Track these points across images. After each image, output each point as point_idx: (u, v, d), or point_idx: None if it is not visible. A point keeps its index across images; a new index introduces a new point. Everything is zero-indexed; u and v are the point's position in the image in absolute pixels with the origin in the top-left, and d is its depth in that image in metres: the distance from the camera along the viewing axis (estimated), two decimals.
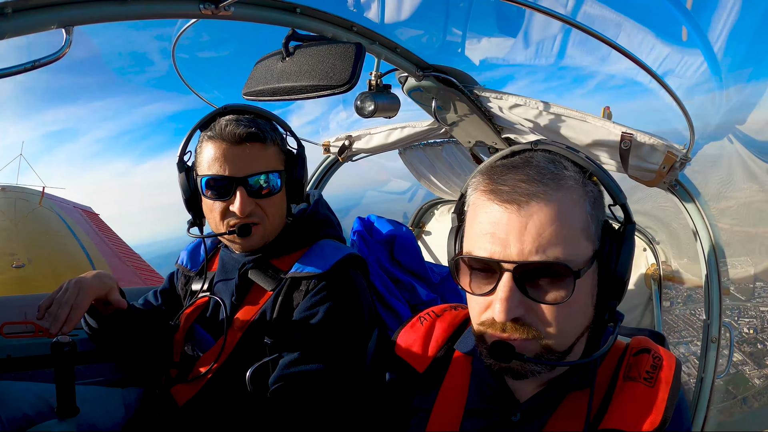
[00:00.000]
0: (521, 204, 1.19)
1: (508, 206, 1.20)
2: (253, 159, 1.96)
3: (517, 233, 1.18)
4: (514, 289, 1.18)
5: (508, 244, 1.19)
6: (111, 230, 14.10)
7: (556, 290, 1.20)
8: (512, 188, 1.21)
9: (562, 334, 1.25)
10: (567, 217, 1.20)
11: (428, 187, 4.31)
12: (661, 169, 2.32)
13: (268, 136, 1.99)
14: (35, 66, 1.44)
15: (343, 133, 3.78)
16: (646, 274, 4.04)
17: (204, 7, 1.70)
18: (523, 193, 1.20)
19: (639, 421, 1.24)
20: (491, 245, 1.21)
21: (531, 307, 1.21)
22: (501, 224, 1.20)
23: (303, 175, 2.14)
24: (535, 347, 1.23)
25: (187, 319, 2.19)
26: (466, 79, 2.60)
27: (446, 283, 2.90)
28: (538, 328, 1.22)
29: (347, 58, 1.84)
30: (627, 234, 1.30)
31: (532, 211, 1.18)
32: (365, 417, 1.66)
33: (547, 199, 1.19)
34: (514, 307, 1.19)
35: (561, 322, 1.23)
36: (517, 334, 1.22)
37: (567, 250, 1.19)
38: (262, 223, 2.03)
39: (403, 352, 1.62)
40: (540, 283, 1.20)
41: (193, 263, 2.36)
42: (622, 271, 1.27)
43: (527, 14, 2.24)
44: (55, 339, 1.83)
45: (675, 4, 2.04)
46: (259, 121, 2.01)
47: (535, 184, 1.21)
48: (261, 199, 2.00)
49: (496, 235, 1.20)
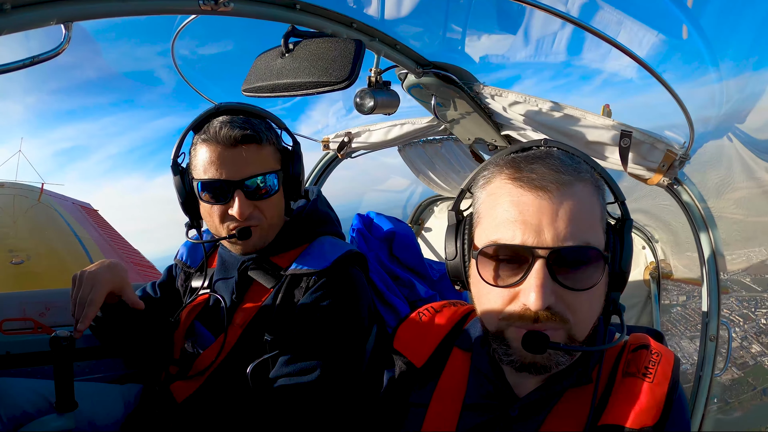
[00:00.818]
0: (552, 191, 1.20)
1: (540, 193, 1.21)
2: (250, 161, 1.95)
3: (549, 219, 1.19)
4: (547, 275, 1.18)
5: (542, 230, 1.19)
6: (110, 226, 14.07)
7: (586, 276, 1.21)
8: (541, 176, 1.22)
9: (585, 322, 1.27)
10: (590, 206, 1.24)
11: (427, 184, 4.32)
12: (660, 167, 2.32)
13: (263, 136, 1.98)
14: (34, 62, 1.43)
15: (343, 129, 3.78)
16: (645, 272, 4.05)
17: (204, 3, 1.69)
18: (552, 181, 1.21)
19: (638, 417, 1.24)
20: (522, 233, 1.20)
21: (561, 296, 1.21)
22: (531, 211, 1.21)
23: (300, 172, 2.13)
24: (562, 336, 1.24)
25: (188, 316, 2.19)
26: (465, 76, 2.60)
27: (445, 280, 2.90)
28: (566, 317, 1.22)
29: (347, 55, 1.84)
30: (626, 229, 1.33)
31: (562, 198, 1.20)
32: (363, 413, 1.66)
33: (574, 188, 1.22)
34: (549, 294, 1.18)
35: (586, 309, 1.25)
36: (550, 323, 1.21)
37: (594, 237, 1.22)
38: (261, 225, 2.02)
39: (402, 346, 1.63)
40: (569, 270, 1.20)
41: (192, 260, 2.35)
42: (626, 263, 1.31)
43: (527, 11, 2.24)
44: (54, 333, 1.83)
45: (675, 3, 2.04)
46: (253, 121, 1.99)
47: (562, 173, 1.22)
48: (259, 201, 1.99)
49: (527, 221, 1.20)
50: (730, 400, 5.50)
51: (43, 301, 2.46)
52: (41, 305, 2.44)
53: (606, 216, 1.32)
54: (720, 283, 2.60)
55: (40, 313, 2.42)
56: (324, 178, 4.06)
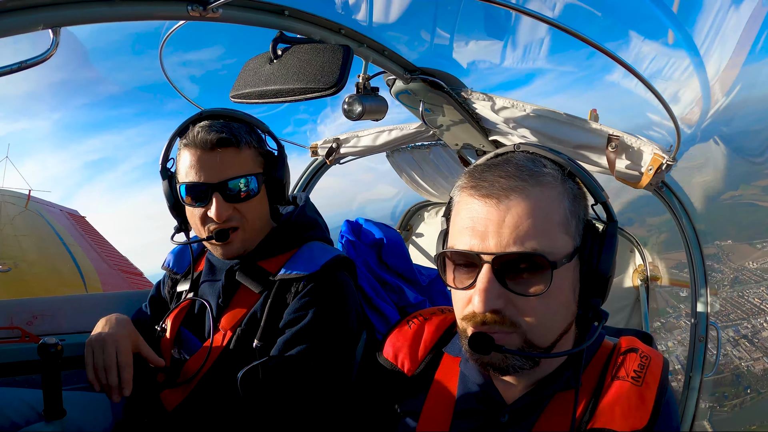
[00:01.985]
0: (500, 198, 1.23)
1: (487, 200, 1.24)
2: (228, 164, 1.97)
3: (495, 226, 1.22)
4: (492, 280, 1.21)
5: (487, 237, 1.22)
6: (98, 234, 13.99)
7: (534, 282, 1.23)
8: (491, 183, 1.25)
9: (543, 328, 1.27)
10: (544, 211, 1.23)
11: (415, 190, 4.32)
12: (647, 171, 2.33)
13: (241, 140, 2.00)
14: (22, 67, 1.42)
15: (331, 135, 3.77)
16: (634, 274, 4.07)
17: (192, 9, 1.69)
18: (501, 188, 1.24)
19: (627, 421, 1.25)
20: (470, 239, 1.24)
21: (511, 300, 1.23)
22: (480, 218, 1.24)
23: (284, 176, 2.14)
24: (516, 341, 1.25)
25: (174, 321, 2.17)
26: (453, 81, 2.61)
27: (434, 285, 2.90)
28: (517, 321, 1.24)
29: (335, 61, 1.84)
30: (609, 232, 1.32)
31: (510, 205, 1.22)
32: (353, 421, 1.66)
33: (525, 194, 1.23)
34: (494, 298, 1.22)
35: (541, 315, 1.25)
36: (497, 327, 1.24)
37: (544, 242, 1.22)
38: (242, 227, 2.03)
39: (392, 355, 1.63)
40: (519, 276, 1.23)
41: (179, 266, 2.35)
42: (604, 268, 1.29)
43: (514, 17, 2.25)
44: (42, 340, 1.81)
45: (661, 8, 2.06)
46: (233, 125, 2.02)
47: (513, 179, 1.24)
48: (239, 203, 2.00)
49: (475, 228, 1.24)
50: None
51: (30, 310, 2.44)
52: (29, 313, 2.43)
53: (581, 219, 1.32)
54: (708, 284, 2.62)
55: (27, 322, 2.40)
56: (312, 185, 4.06)
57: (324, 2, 2.07)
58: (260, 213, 2.10)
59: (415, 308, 2.66)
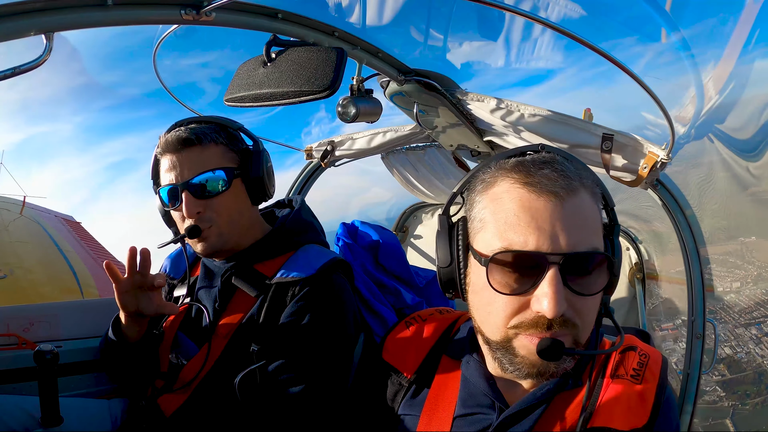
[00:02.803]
0: (563, 196, 1.19)
1: (552, 198, 1.19)
2: (192, 162, 2.01)
3: (563, 225, 1.18)
4: (561, 282, 1.17)
5: (556, 236, 1.17)
6: (94, 239, 13.95)
7: (596, 281, 1.22)
8: (554, 181, 1.21)
9: (589, 326, 1.28)
10: (593, 212, 1.25)
11: (411, 192, 4.32)
12: (642, 169, 2.33)
13: (206, 138, 2.04)
14: (15, 73, 1.42)
15: (326, 138, 3.77)
16: (630, 273, 4.08)
17: (185, 13, 1.69)
18: (563, 186, 1.20)
19: (627, 419, 1.25)
20: (536, 239, 1.18)
21: (570, 301, 1.20)
22: (545, 216, 1.19)
23: (260, 170, 2.13)
24: (569, 341, 1.23)
25: (171, 327, 2.17)
26: (447, 83, 2.61)
27: (431, 286, 2.90)
28: (575, 322, 1.22)
29: (329, 63, 1.84)
30: (615, 234, 1.33)
31: (573, 204, 1.20)
32: (353, 424, 1.66)
33: (581, 194, 1.23)
34: (563, 301, 1.17)
35: (590, 314, 1.26)
36: (563, 330, 1.21)
37: (599, 242, 1.23)
38: (215, 224, 2.04)
39: (391, 356, 1.62)
40: (582, 276, 1.20)
41: (175, 271, 2.35)
42: (618, 268, 1.30)
43: (508, 18, 2.26)
44: (38, 347, 1.81)
45: (653, 6, 2.06)
46: (198, 127, 2.07)
47: (568, 179, 1.22)
48: (207, 199, 2.02)
49: (541, 227, 1.18)
50: None
51: (27, 316, 2.43)
52: (25, 320, 2.41)
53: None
54: (705, 281, 2.63)
55: (24, 329, 2.39)
56: (307, 188, 4.05)
57: (317, 5, 2.07)
58: (235, 209, 2.10)
59: (413, 310, 2.65)
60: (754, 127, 2.91)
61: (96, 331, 2.46)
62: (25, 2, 1.38)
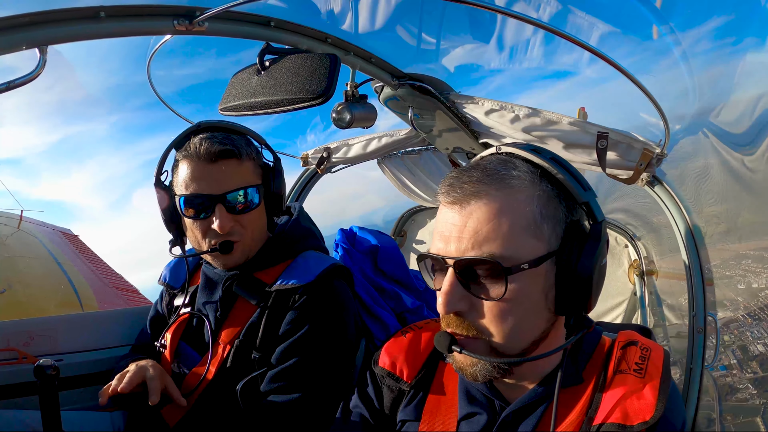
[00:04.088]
0: (462, 204, 1.25)
1: (453, 206, 1.27)
2: (230, 176, 1.97)
3: (457, 231, 1.24)
4: (455, 283, 1.24)
5: (450, 242, 1.25)
6: (92, 252, 13.94)
7: (493, 287, 1.23)
8: (456, 189, 1.27)
9: (508, 335, 1.26)
10: (508, 215, 1.22)
11: (408, 196, 4.32)
12: (638, 166, 2.34)
13: (243, 152, 2.00)
14: (9, 87, 1.42)
15: (321, 144, 3.78)
16: (629, 270, 4.08)
17: (178, 23, 1.70)
18: (464, 194, 1.25)
19: (633, 413, 1.24)
20: (440, 243, 1.28)
21: (474, 305, 1.26)
22: (447, 223, 1.27)
23: (281, 187, 2.15)
24: (482, 348, 1.28)
25: (173, 336, 2.16)
26: (441, 86, 2.61)
27: (431, 290, 2.90)
28: (480, 327, 1.26)
29: (322, 70, 1.84)
30: (590, 232, 1.28)
31: (471, 210, 1.24)
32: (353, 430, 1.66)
33: (487, 198, 1.23)
34: (455, 300, 1.25)
35: (504, 320, 1.25)
36: (459, 329, 1.28)
37: (504, 247, 1.21)
38: (243, 239, 2.03)
39: (389, 363, 1.62)
40: (481, 281, 1.24)
41: (175, 280, 2.34)
42: (583, 270, 1.24)
43: (499, 19, 2.26)
44: (38, 362, 1.80)
45: (645, 4, 2.07)
46: (233, 137, 2.02)
47: (477, 184, 1.25)
48: (240, 215, 2.00)
49: (443, 233, 1.28)
50: None
51: (26, 330, 2.42)
52: (25, 334, 2.41)
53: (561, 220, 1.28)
54: (704, 275, 2.63)
55: (24, 343, 2.39)
56: (305, 194, 4.05)
57: (310, 12, 2.08)
58: (260, 224, 2.11)
59: (413, 313, 2.66)
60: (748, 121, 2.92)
61: (96, 344, 2.46)
62: (16, 16, 1.38)
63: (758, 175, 3.12)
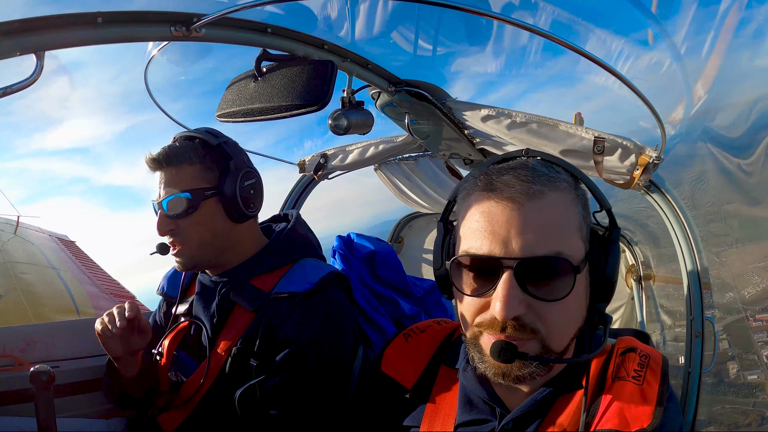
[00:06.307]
0: (521, 202, 1.21)
1: (509, 204, 1.22)
2: (168, 182, 2.02)
3: (517, 230, 1.20)
4: (514, 286, 1.19)
5: (509, 241, 1.20)
6: (88, 258, 13.88)
7: (558, 287, 1.22)
8: (512, 187, 1.23)
9: (560, 334, 1.27)
10: (564, 216, 1.24)
11: (405, 202, 4.32)
12: (635, 171, 2.34)
13: (177, 159, 2.02)
14: (6, 93, 1.42)
15: (318, 151, 3.78)
16: (626, 274, 4.09)
17: (175, 29, 1.70)
18: (522, 191, 1.22)
19: (631, 420, 1.24)
20: (490, 243, 1.22)
21: (531, 306, 1.22)
22: (500, 222, 1.22)
23: (234, 189, 2.06)
24: (535, 348, 1.25)
25: (170, 345, 2.16)
26: (438, 92, 2.61)
27: (429, 296, 2.90)
28: (537, 328, 1.23)
29: (319, 77, 1.84)
30: (613, 238, 1.32)
31: (531, 209, 1.21)
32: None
33: (544, 198, 1.23)
34: (516, 304, 1.19)
35: (559, 320, 1.25)
36: (517, 334, 1.22)
37: (566, 247, 1.22)
38: (185, 243, 2.05)
39: (390, 369, 1.62)
40: (540, 281, 1.21)
41: (172, 289, 2.34)
42: (611, 273, 1.29)
43: (496, 26, 2.27)
44: (33, 368, 1.80)
45: (640, 8, 2.08)
46: (180, 144, 2.06)
47: (533, 183, 1.23)
48: (177, 219, 2.02)
49: (496, 232, 1.22)
50: None
51: (23, 337, 2.41)
52: (21, 341, 2.40)
53: (587, 224, 1.32)
54: (701, 280, 2.63)
55: (20, 349, 2.38)
56: (302, 201, 4.05)
57: (306, 19, 2.07)
58: (206, 229, 2.06)
59: (411, 320, 2.65)
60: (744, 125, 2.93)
61: (93, 350, 2.45)
62: (12, 22, 1.38)
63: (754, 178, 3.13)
